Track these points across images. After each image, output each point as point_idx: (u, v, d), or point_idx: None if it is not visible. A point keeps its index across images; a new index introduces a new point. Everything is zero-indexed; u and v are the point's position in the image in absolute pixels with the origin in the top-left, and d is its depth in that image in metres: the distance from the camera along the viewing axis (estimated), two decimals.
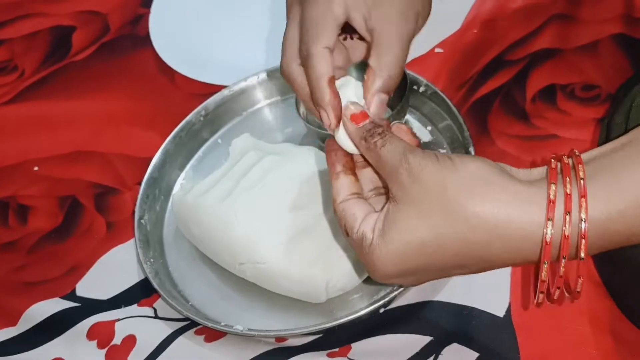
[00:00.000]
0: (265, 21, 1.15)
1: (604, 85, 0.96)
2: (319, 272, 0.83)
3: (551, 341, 0.79)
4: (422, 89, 0.97)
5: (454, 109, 0.93)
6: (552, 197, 0.59)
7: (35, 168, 1.06)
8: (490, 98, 0.98)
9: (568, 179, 0.59)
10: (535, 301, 0.64)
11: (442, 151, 0.93)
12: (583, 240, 0.59)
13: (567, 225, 0.58)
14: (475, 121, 0.96)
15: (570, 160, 0.61)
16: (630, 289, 0.77)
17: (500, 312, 0.81)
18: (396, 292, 0.82)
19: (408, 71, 0.95)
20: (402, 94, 0.94)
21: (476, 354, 0.79)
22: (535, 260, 0.61)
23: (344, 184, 0.70)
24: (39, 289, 0.94)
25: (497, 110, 0.97)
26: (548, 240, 0.59)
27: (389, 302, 0.83)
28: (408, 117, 0.96)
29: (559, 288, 0.62)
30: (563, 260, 0.60)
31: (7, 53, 1.22)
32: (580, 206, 0.58)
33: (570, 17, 1.05)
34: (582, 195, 0.58)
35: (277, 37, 1.10)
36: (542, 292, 0.63)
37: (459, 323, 0.82)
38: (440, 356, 0.80)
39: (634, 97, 0.81)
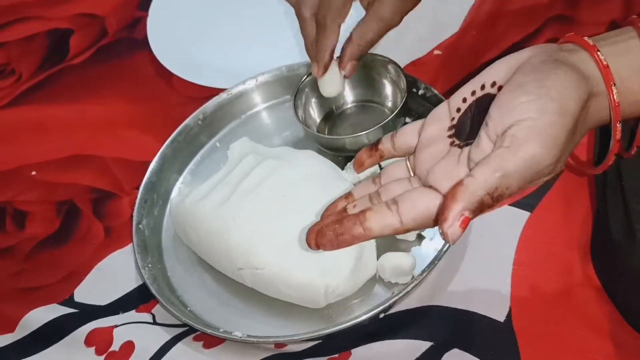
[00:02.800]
0: (263, 25, 1.15)
1: None
2: (318, 277, 0.82)
3: (552, 346, 0.78)
4: (421, 91, 0.97)
5: None
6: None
7: (33, 173, 1.06)
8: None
9: None
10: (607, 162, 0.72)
11: None
12: None
13: None
14: None
15: None
16: (631, 294, 0.77)
17: (501, 317, 0.81)
18: (396, 297, 0.81)
19: (407, 74, 0.95)
20: (401, 97, 0.93)
21: None
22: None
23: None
24: (37, 294, 0.94)
25: None
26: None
27: (389, 307, 0.83)
28: (407, 120, 0.96)
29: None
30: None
31: (4, 57, 1.22)
32: None
33: (568, 18, 1.04)
34: None
35: (274, 40, 1.12)
36: (616, 154, 0.70)
37: (459, 328, 0.81)
38: None
39: None
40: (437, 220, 0.65)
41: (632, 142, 0.76)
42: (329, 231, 0.68)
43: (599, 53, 0.68)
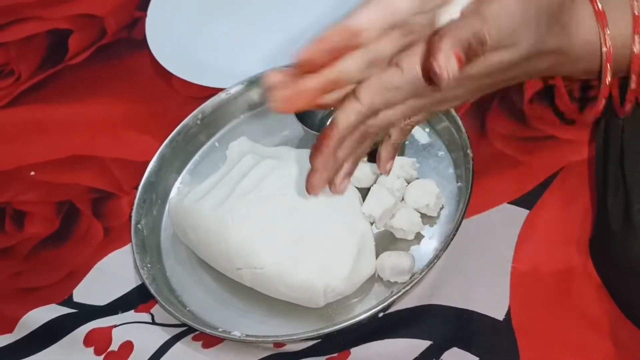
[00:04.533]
0: (262, 24, 1.15)
1: None
2: (317, 276, 0.82)
3: (551, 345, 0.78)
4: None
5: (452, 111, 0.92)
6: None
7: (32, 173, 1.06)
8: (488, 99, 0.97)
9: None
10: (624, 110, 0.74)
11: (440, 153, 0.93)
12: None
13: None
14: (473, 123, 0.96)
15: None
16: (629, 287, 0.77)
17: (500, 316, 0.81)
18: (395, 296, 0.81)
19: None
20: None
21: (476, 358, 0.79)
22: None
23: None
24: (36, 295, 0.94)
25: (495, 111, 0.97)
26: (636, 51, 0.70)
27: (388, 306, 0.83)
28: None
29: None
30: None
31: (3, 57, 1.21)
32: None
33: None
34: None
35: (273, 40, 1.11)
36: (630, 102, 0.72)
37: (458, 327, 0.81)
38: None
39: None
40: (428, 58, 0.63)
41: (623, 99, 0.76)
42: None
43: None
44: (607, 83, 0.71)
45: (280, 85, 0.65)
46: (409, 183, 0.90)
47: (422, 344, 0.81)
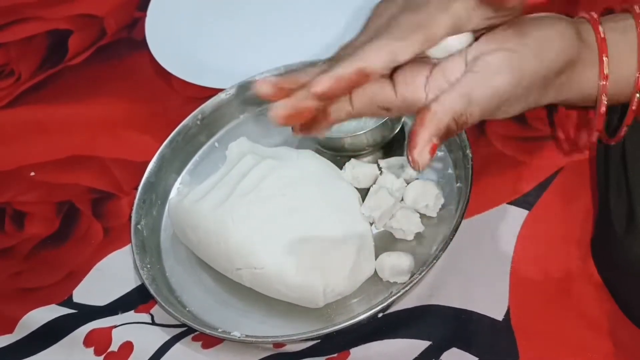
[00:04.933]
0: (262, 25, 1.15)
1: None
2: (317, 277, 0.82)
3: (550, 345, 0.78)
4: None
5: None
6: None
7: (32, 173, 1.06)
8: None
9: None
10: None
11: (439, 154, 0.93)
12: None
13: None
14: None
15: None
16: (631, 286, 0.77)
17: (499, 316, 0.81)
18: (394, 297, 0.81)
19: None
20: None
21: (476, 358, 0.79)
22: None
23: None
24: (36, 295, 0.94)
25: None
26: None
27: (388, 306, 0.83)
28: (405, 119, 0.96)
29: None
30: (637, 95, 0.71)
31: (3, 57, 1.22)
32: None
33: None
34: None
35: (273, 40, 1.11)
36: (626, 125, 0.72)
37: (457, 327, 0.81)
38: None
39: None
40: (408, 143, 0.65)
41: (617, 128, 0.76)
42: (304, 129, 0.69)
43: (600, 26, 0.70)
44: (602, 112, 0.71)
45: (278, 99, 0.66)
46: (408, 183, 0.90)
47: (421, 344, 0.81)
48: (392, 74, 0.68)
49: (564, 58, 0.68)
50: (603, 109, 0.71)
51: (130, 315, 0.89)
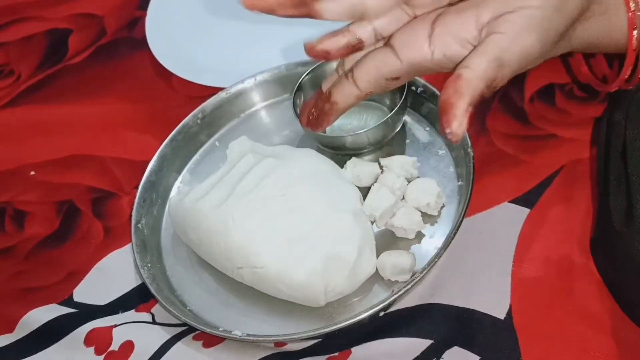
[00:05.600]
0: (262, 24, 1.14)
1: None
2: (318, 275, 0.82)
3: (552, 343, 0.78)
4: (420, 90, 0.96)
5: None
6: None
7: (32, 172, 1.06)
8: (489, 98, 0.97)
9: None
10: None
11: (440, 152, 0.93)
12: None
13: None
14: (474, 121, 0.95)
15: None
16: (631, 285, 0.77)
17: (501, 315, 0.81)
18: (396, 296, 0.81)
19: None
20: (400, 94, 0.93)
21: (477, 357, 0.79)
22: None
23: None
24: (36, 295, 0.94)
25: (495, 110, 0.96)
26: None
27: (389, 305, 0.83)
28: (406, 118, 0.96)
29: None
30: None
31: (3, 57, 1.22)
32: None
33: None
34: None
35: (273, 39, 1.11)
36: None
37: (459, 326, 0.81)
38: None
39: (632, 93, 0.80)
40: (442, 114, 0.63)
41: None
42: (310, 116, 0.69)
43: None
44: (634, 49, 0.70)
45: None
46: (409, 182, 0.90)
47: (423, 343, 0.81)
48: (388, 40, 0.67)
49: (580, 7, 0.66)
50: (635, 43, 0.70)
51: (131, 315, 0.89)
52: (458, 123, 0.62)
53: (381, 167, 0.92)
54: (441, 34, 0.64)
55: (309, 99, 0.70)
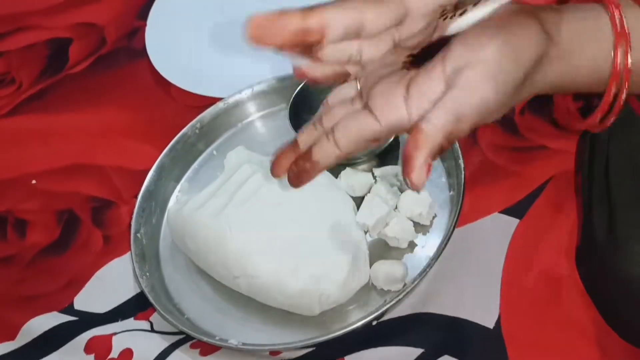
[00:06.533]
0: None
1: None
2: (312, 285, 0.84)
3: (540, 352, 0.80)
4: None
5: None
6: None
7: (33, 181, 1.07)
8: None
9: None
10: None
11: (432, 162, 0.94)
12: None
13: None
14: None
15: None
16: (614, 301, 0.78)
17: (490, 324, 0.82)
18: (389, 305, 0.83)
19: None
20: None
21: None
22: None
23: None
24: (37, 302, 0.95)
25: None
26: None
27: (382, 314, 0.84)
28: None
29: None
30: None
31: (4, 66, 1.22)
32: None
33: None
34: None
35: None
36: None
37: (449, 335, 0.83)
38: None
39: None
40: (403, 165, 0.65)
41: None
42: (290, 173, 0.69)
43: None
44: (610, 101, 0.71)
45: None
46: (402, 192, 0.91)
47: (414, 352, 0.82)
48: (366, 103, 0.69)
49: (535, 56, 0.67)
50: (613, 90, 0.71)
51: (130, 323, 0.91)
52: (417, 174, 0.64)
53: (375, 177, 0.93)
54: (415, 97, 0.66)
55: (281, 147, 0.71)
